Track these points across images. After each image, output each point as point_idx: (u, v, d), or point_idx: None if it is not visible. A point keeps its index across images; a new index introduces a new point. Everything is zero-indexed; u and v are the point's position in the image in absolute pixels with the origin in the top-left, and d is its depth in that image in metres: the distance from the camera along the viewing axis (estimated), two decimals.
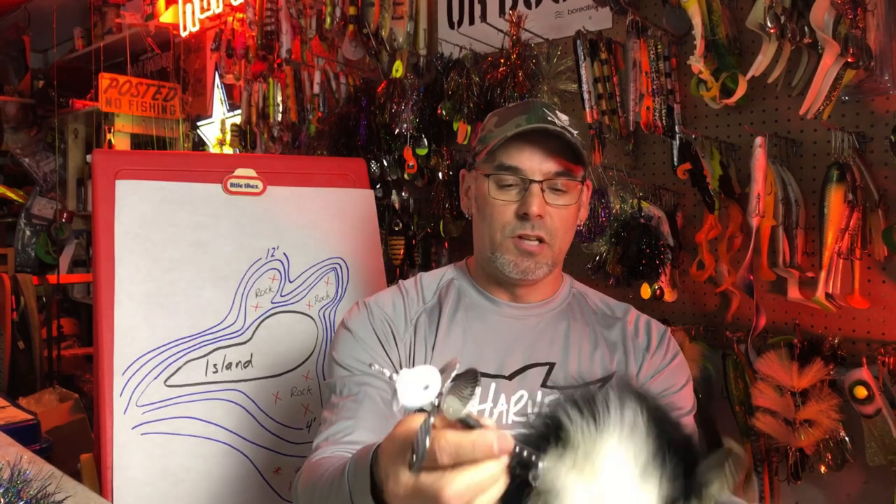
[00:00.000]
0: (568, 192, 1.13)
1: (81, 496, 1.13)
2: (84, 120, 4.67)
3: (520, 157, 1.11)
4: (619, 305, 1.26)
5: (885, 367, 1.45)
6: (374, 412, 1.08)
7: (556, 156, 1.11)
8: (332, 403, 1.12)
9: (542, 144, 1.11)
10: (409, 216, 2.46)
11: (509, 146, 1.12)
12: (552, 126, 1.10)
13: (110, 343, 1.63)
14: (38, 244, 4.73)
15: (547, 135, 1.11)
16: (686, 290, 1.84)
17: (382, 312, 1.19)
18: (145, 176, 1.76)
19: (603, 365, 1.17)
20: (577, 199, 1.15)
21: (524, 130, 1.10)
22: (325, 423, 1.11)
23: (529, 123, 1.10)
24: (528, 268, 1.13)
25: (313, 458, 1.04)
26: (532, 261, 1.13)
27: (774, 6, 1.48)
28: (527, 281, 1.16)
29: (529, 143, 1.11)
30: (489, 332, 1.18)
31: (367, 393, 1.10)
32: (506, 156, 1.12)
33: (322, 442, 1.07)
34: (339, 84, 2.66)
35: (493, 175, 1.13)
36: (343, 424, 1.07)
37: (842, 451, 1.51)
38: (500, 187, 1.13)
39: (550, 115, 1.12)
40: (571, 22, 2.06)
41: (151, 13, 3.95)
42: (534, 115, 1.12)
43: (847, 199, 1.49)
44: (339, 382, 1.13)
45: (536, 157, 1.11)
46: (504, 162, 1.12)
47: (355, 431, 1.05)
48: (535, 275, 1.14)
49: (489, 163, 1.14)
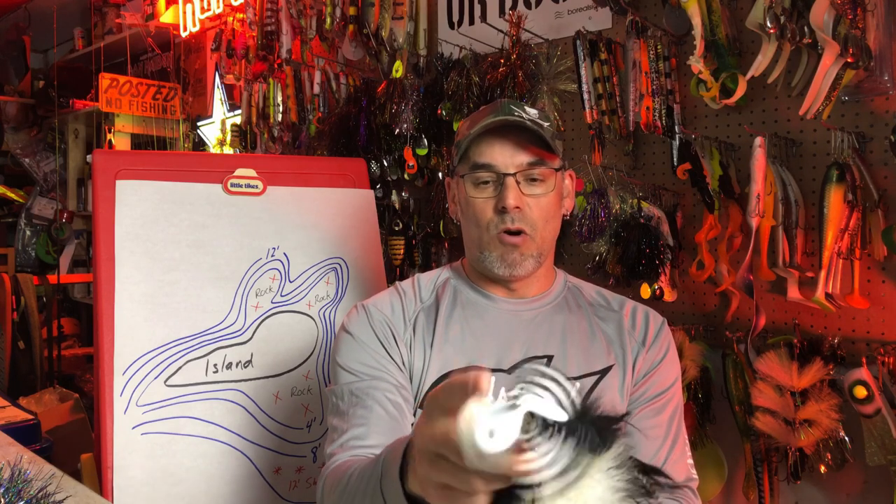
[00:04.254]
0: (544, 181, 1.15)
1: (81, 496, 1.13)
2: (84, 120, 4.67)
3: (491, 153, 1.13)
4: (615, 297, 1.28)
5: (884, 367, 1.45)
6: (385, 418, 1.08)
7: (526, 147, 1.13)
8: (340, 411, 1.13)
9: (512, 138, 1.13)
10: (409, 216, 2.46)
11: (480, 145, 1.14)
12: (512, 117, 1.11)
13: (110, 343, 1.63)
14: (38, 244, 4.73)
15: (513, 128, 1.13)
16: (686, 289, 1.84)
17: (381, 314, 1.19)
18: (145, 176, 1.76)
19: (601, 357, 1.18)
20: (554, 188, 1.16)
21: (486, 126, 1.13)
22: (335, 430, 1.11)
23: (496, 118, 1.13)
24: (515, 260, 1.14)
25: (332, 464, 1.05)
26: (517, 252, 1.14)
27: (774, 6, 1.48)
28: (516, 276, 1.16)
29: (499, 139, 1.13)
30: (487, 328, 1.19)
31: (375, 398, 1.10)
32: (478, 154, 1.15)
33: (336, 449, 1.07)
34: (339, 84, 2.66)
35: (468, 175, 1.16)
36: (356, 431, 1.07)
37: (841, 451, 1.51)
38: (476, 186, 1.15)
39: (517, 111, 1.14)
40: (571, 22, 2.06)
41: (152, 13, 3.95)
42: (500, 112, 1.14)
43: (847, 199, 1.49)
44: (346, 388, 1.13)
45: (507, 151, 1.13)
46: (477, 161, 1.14)
47: (369, 437, 1.06)
48: (522, 268, 1.15)
49: (464, 164, 1.17)
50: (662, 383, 1.19)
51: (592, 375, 1.17)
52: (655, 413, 1.18)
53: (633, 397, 1.19)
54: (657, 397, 1.18)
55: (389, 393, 1.11)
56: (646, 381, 1.19)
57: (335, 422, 1.13)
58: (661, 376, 1.20)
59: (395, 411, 1.10)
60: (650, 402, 1.18)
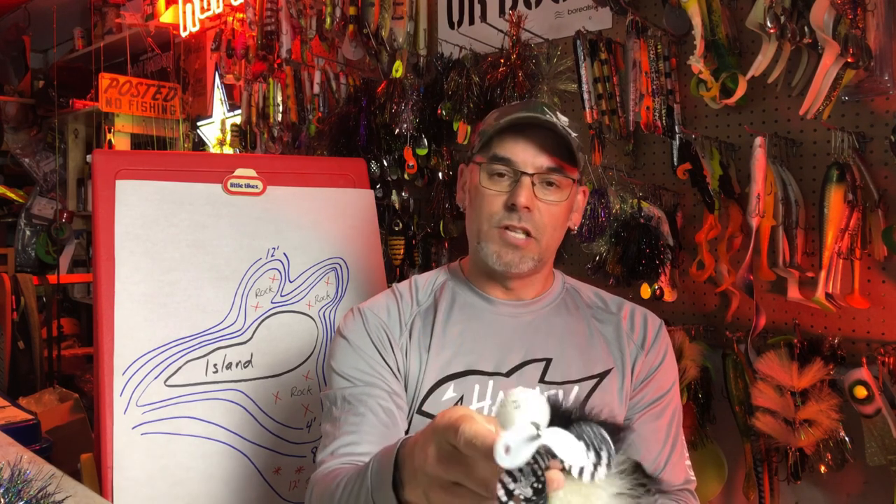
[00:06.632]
0: (560, 189, 1.13)
1: (81, 496, 1.13)
2: (84, 120, 4.67)
3: (514, 148, 1.12)
4: (613, 299, 1.27)
5: (884, 367, 1.45)
6: (377, 425, 1.08)
7: (550, 152, 1.11)
8: (333, 416, 1.13)
9: (538, 139, 1.11)
10: (409, 216, 2.46)
11: (505, 138, 1.13)
12: (543, 117, 1.10)
13: (110, 343, 1.63)
14: (38, 244, 4.73)
15: (542, 129, 1.11)
16: (686, 290, 1.84)
17: (377, 319, 1.18)
18: (145, 176, 1.76)
19: (600, 360, 1.18)
20: (568, 197, 1.15)
21: (515, 120, 1.11)
22: (327, 436, 1.11)
23: (527, 113, 1.11)
24: (512, 260, 1.13)
25: (320, 472, 1.05)
26: (517, 254, 1.13)
27: (774, 6, 1.48)
28: (511, 273, 1.15)
29: (525, 137, 1.12)
30: (485, 331, 1.18)
31: (368, 406, 1.10)
32: (500, 147, 1.13)
33: (326, 457, 1.07)
34: (339, 84, 2.66)
35: (485, 164, 1.14)
36: (347, 439, 1.07)
37: (842, 451, 1.51)
38: (491, 177, 1.13)
39: (550, 114, 1.12)
40: (571, 22, 2.06)
41: (151, 13, 3.95)
42: (532, 110, 1.13)
43: (847, 199, 1.49)
44: (339, 394, 1.13)
45: (530, 151, 1.11)
46: (498, 153, 1.13)
47: (360, 445, 1.06)
48: (518, 268, 1.14)
49: (484, 153, 1.15)
50: (661, 387, 1.19)
51: (591, 379, 1.17)
52: (655, 418, 1.17)
53: (633, 402, 1.19)
54: (656, 402, 1.18)
55: (382, 400, 1.10)
56: (645, 385, 1.19)
57: (328, 427, 1.12)
58: (660, 380, 1.19)
59: (388, 419, 1.09)
60: (649, 406, 1.18)
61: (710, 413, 1.74)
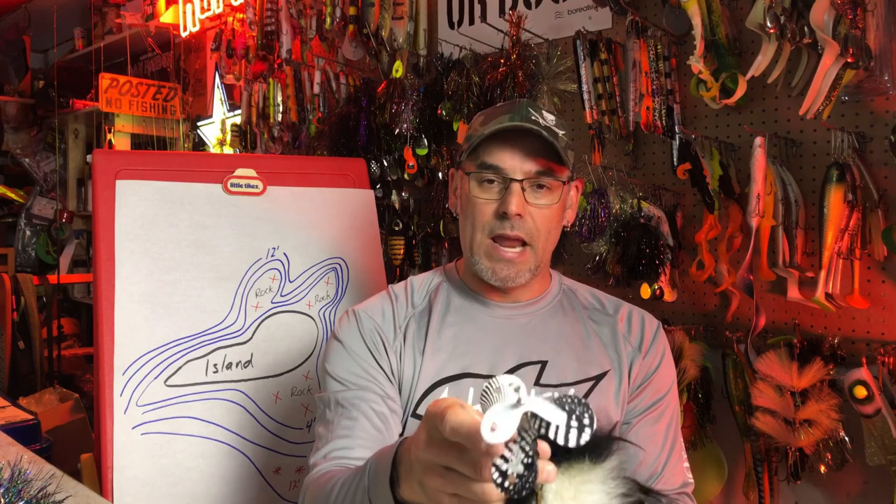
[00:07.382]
0: (551, 192, 1.12)
1: (81, 496, 1.13)
2: (84, 120, 4.67)
3: (501, 155, 1.10)
4: (610, 300, 1.26)
5: (884, 367, 1.45)
6: (369, 429, 1.08)
7: (538, 155, 1.10)
8: (326, 419, 1.12)
9: (525, 144, 1.10)
10: (409, 216, 2.46)
11: (492, 145, 1.11)
12: (530, 124, 1.08)
13: (110, 343, 1.63)
14: (38, 244, 4.73)
15: (529, 134, 1.09)
16: (686, 290, 1.85)
17: (372, 322, 1.18)
18: (145, 176, 1.76)
19: (596, 362, 1.17)
20: (559, 199, 1.14)
21: (501, 128, 1.09)
22: (320, 439, 1.11)
23: (512, 122, 1.10)
24: (508, 276, 1.12)
25: (313, 474, 1.05)
26: (512, 269, 1.12)
27: (774, 6, 1.48)
28: (508, 287, 1.15)
29: (511, 143, 1.10)
30: (480, 333, 1.17)
31: (361, 410, 1.09)
32: (488, 154, 1.11)
33: (319, 460, 1.07)
34: (339, 84, 2.66)
35: (474, 173, 1.13)
36: (340, 443, 1.07)
37: (841, 451, 1.51)
38: (481, 185, 1.12)
39: (535, 115, 1.11)
40: (571, 22, 2.06)
41: (151, 13, 3.95)
42: (517, 114, 1.11)
43: (847, 199, 1.49)
44: (333, 397, 1.13)
45: (518, 157, 1.10)
46: (486, 160, 1.11)
47: (353, 449, 1.06)
48: (515, 282, 1.13)
49: (472, 161, 1.14)
50: (659, 390, 1.18)
51: (587, 381, 1.16)
52: (653, 422, 1.17)
53: (631, 406, 1.18)
54: (654, 405, 1.17)
55: (376, 404, 1.10)
56: (643, 389, 1.18)
57: (321, 430, 1.12)
58: (658, 383, 1.18)
59: (381, 423, 1.09)
60: (648, 410, 1.17)
61: (710, 413, 1.74)
